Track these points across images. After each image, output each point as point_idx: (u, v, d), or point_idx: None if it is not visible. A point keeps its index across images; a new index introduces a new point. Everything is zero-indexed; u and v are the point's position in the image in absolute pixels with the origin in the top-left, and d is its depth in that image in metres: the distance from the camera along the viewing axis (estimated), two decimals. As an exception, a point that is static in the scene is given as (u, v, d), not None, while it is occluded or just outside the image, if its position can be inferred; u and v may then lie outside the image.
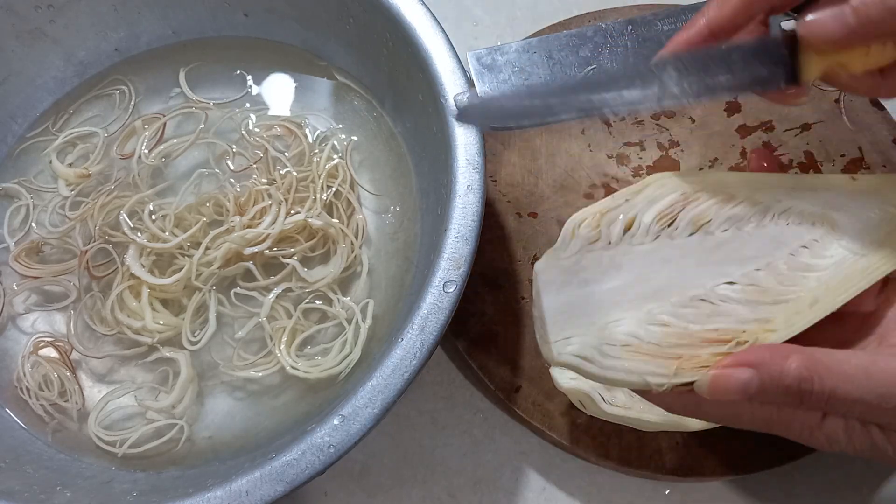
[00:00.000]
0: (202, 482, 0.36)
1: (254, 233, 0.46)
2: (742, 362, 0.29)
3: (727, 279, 0.31)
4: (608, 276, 0.32)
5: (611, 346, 0.30)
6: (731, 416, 0.31)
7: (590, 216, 0.33)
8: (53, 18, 0.52)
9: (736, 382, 0.29)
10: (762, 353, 0.29)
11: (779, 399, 0.29)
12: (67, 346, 0.46)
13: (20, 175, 0.51)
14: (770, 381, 0.29)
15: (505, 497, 0.45)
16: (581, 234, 0.33)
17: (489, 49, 0.58)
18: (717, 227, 0.33)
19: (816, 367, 0.28)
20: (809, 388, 0.28)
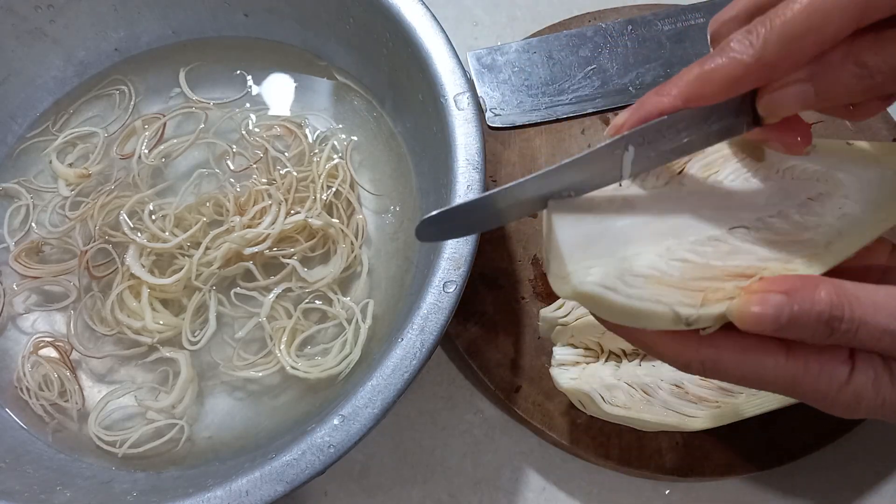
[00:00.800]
0: (202, 482, 0.36)
1: (254, 233, 0.46)
2: (773, 289, 0.28)
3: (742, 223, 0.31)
4: (622, 213, 0.31)
5: (634, 276, 0.29)
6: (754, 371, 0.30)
7: None
8: (53, 18, 0.52)
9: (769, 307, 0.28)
10: (793, 280, 0.29)
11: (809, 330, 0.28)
12: (67, 346, 0.46)
13: (20, 175, 0.51)
14: (801, 308, 0.28)
15: (505, 497, 0.45)
16: None
17: (489, 49, 0.58)
18: (725, 176, 0.33)
19: (847, 295, 0.28)
20: (840, 314, 0.28)
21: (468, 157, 0.41)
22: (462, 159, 0.41)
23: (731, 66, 0.28)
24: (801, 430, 0.44)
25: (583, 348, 0.43)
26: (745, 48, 0.28)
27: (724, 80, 0.28)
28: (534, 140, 0.54)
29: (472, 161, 0.41)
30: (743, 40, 0.28)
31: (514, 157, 0.54)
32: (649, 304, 0.29)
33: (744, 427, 0.42)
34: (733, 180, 0.33)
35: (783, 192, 0.33)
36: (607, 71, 0.56)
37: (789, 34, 0.27)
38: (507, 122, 0.55)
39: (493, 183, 0.52)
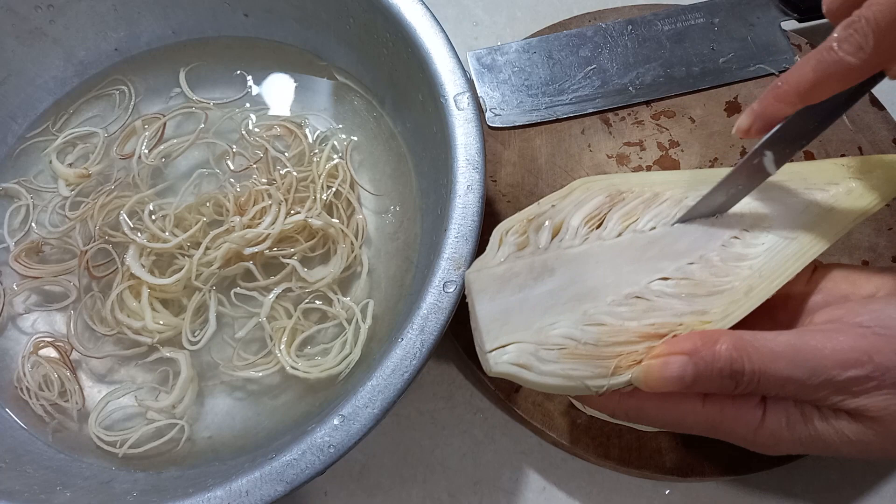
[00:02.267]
0: (202, 482, 0.36)
1: (254, 233, 0.46)
2: (674, 351, 0.30)
3: (661, 275, 0.32)
4: (541, 280, 0.31)
5: (548, 350, 0.30)
6: (675, 418, 0.32)
7: (516, 223, 0.33)
8: (53, 18, 0.52)
9: (672, 370, 0.29)
10: (693, 339, 0.30)
11: (715, 385, 0.30)
12: (67, 346, 0.46)
13: (20, 175, 0.51)
14: (704, 366, 0.29)
15: (505, 497, 0.45)
16: (509, 241, 0.33)
17: (489, 49, 0.58)
18: (645, 224, 0.33)
19: (745, 347, 0.29)
20: (740, 368, 0.29)
21: (468, 157, 0.41)
22: (462, 159, 0.41)
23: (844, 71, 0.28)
24: (801, 430, 0.44)
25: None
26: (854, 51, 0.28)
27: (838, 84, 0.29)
28: (534, 140, 0.54)
29: (472, 161, 0.41)
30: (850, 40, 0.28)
31: (514, 157, 0.54)
32: (561, 380, 0.30)
33: (744, 427, 0.42)
34: (654, 227, 0.33)
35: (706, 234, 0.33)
36: (607, 71, 0.56)
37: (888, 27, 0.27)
38: (507, 122, 0.55)
39: (494, 183, 0.52)
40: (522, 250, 0.32)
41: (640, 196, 0.34)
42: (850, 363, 0.29)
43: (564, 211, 0.33)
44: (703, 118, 0.55)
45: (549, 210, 0.33)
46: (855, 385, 0.29)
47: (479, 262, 0.33)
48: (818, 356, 0.29)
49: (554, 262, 0.32)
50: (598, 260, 0.32)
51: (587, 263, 0.32)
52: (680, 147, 0.54)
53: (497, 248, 0.33)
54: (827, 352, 0.29)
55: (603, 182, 0.34)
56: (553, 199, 0.34)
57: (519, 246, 0.32)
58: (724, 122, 0.54)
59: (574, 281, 0.31)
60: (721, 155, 0.53)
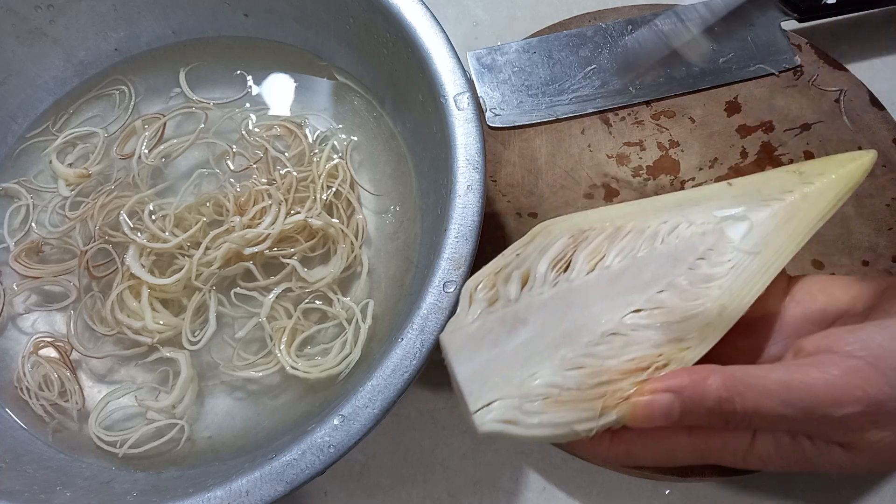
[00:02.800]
0: (202, 482, 0.36)
1: (254, 233, 0.46)
2: (662, 388, 0.29)
3: (633, 308, 0.32)
4: (515, 332, 0.32)
5: (531, 402, 0.30)
6: (664, 454, 0.32)
7: (484, 278, 0.33)
8: (53, 18, 0.52)
9: (658, 407, 0.29)
10: (681, 376, 0.29)
11: (703, 421, 0.29)
12: (67, 346, 0.46)
13: (20, 175, 0.51)
14: (692, 403, 0.29)
15: (505, 497, 0.45)
16: (479, 297, 0.33)
17: (489, 49, 0.58)
18: (612, 260, 0.33)
19: (736, 385, 0.29)
20: (731, 408, 0.29)
21: (468, 157, 0.41)
22: (462, 159, 0.41)
23: None
24: (801, 430, 0.44)
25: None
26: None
27: None
28: (534, 140, 0.54)
29: (472, 161, 0.41)
30: None
31: (514, 157, 0.54)
32: (549, 430, 0.29)
33: (744, 427, 0.42)
34: (620, 261, 0.33)
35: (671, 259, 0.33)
36: (607, 71, 0.56)
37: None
38: (507, 122, 0.55)
39: (494, 183, 0.52)
40: (493, 305, 0.32)
41: (602, 232, 0.34)
42: (844, 401, 0.28)
43: (530, 259, 0.33)
44: (703, 118, 0.55)
45: (515, 259, 0.34)
46: (850, 422, 0.29)
47: (452, 323, 0.33)
48: (812, 393, 0.28)
49: (525, 311, 0.32)
50: (570, 302, 0.32)
51: (559, 308, 0.32)
52: (680, 147, 0.54)
53: (468, 307, 0.33)
54: (820, 388, 0.28)
55: (564, 224, 0.34)
56: (517, 248, 0.34)
57: (489, 301, 0.33)
58: (724, 122, 0.54)
59: (548, 328, 0.31)
60: (721, 155, 0.53)
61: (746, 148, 0.53)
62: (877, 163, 0.52)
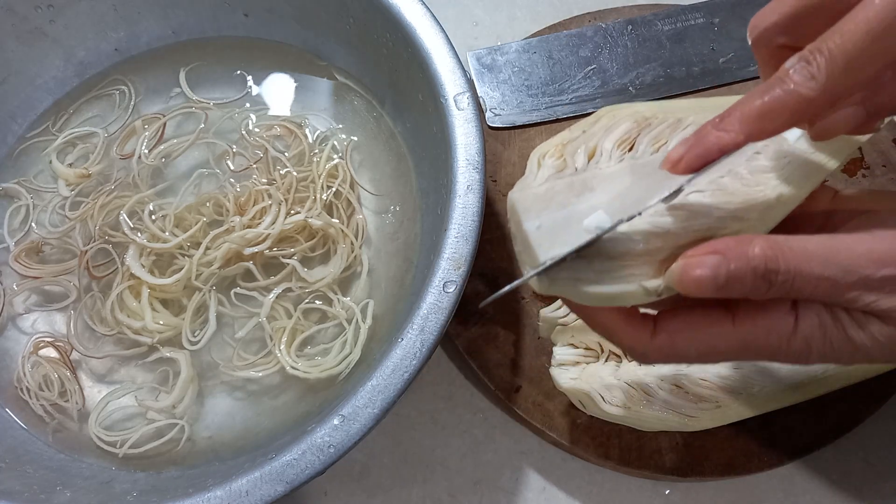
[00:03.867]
0: (202, 482, 0.36)
1: (254, 233, 0.46)
2: (709, 250, 0.29)
3: (696, 188, 0.32)
4: (584, 197, 0.32)
5: (602, 259, 0.30)
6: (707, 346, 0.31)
7: (551, 148, 0.34)
8: (53, 18, 0.52)
9: (706, 269, 0.29)
10: (726, 241, 0.30)
11: (748, 285, 0.29)
12: (67, 346, 0.46)
13: (20, 175, 0.52)
14: (737, 265, 0.29)
15: (505, 497, 0.45)
16: (547, 164, 0.33)
17: (489, 49, 0.58)
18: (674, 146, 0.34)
19: (780, 247, 0.29)
20: (775, 267, 0.29)
21: (468, 157, 0.41)
22: (462, 159, 0.41)
23: (795, 101, 0.28)
24: (800, 430, 0.44)
25: (583, 348, 0.43)
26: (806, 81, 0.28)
27: (789, 116, 0.28)
28: (534, 140, 0.54)
29: (472, 161, 0.41)
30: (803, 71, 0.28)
31: (514, 157, 0.54)
32: (619, 285, 0.30)
33: (744, 427, 0.42)
34: None
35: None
36: (607, 71, 0.56)
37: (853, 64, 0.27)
38: (507, 122, 0.55)
39: (494, 183, 0.52)
40: (561, 172, 0.33)
41: (664, 122, 0.35)
42: (883, 262, 0.29)
43: (596, 136, 0.34)
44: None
45: (581, 136, 0.34)
46: (888, 285, 0.29)
47: (521, 183, 0.33)
48: (852, 255, 0.29)
49: (593, 180, 0.32)
50: (635, 177, 0.32)
51: (625, 181, 0.32)
52: (680, 147, 0.54)
53: (536, 171, 0.33)
54: (861, 251, 0.29)
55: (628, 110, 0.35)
56: (582, 126, 0.35)
57: (557, 168, 0.33)
58: (724, 122, 0.54)
59: (616, 195, 0.32)
60: (721, 155, 0.53)
61: (746, 148, 0.53)
62: (877, 163, 0.52)
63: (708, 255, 0.29)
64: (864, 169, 0.52)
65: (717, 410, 0.40)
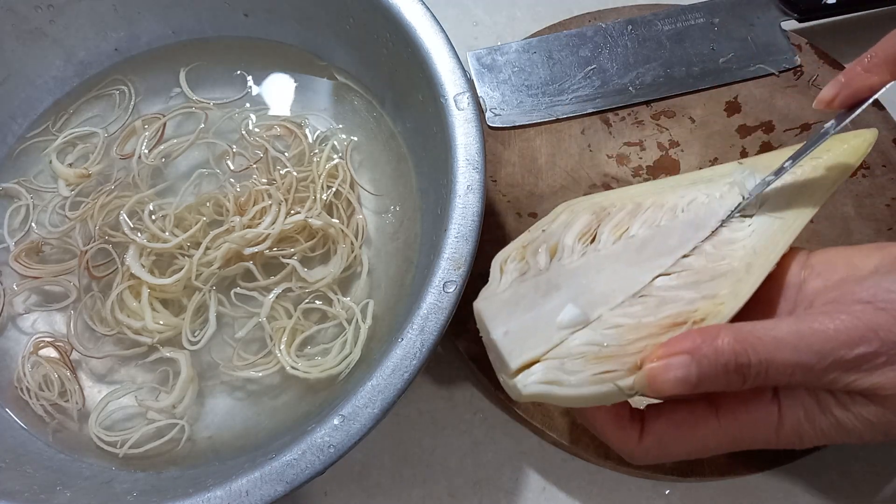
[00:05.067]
0: (202, 482, 0.36)
1: (254, 233, 0.46)
2: (675, 351, 0.29)
3: (662, 270, 0.32)
4: (549, 297, 0.32)
5: (573, 360, 0.30)
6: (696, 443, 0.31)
7: (513, 251, 0.34)
8: (53, 18, 0.52)
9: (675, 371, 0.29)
10: (692, 337, 0.29)
11: (721, 381, 0.29)
12: (67, 346, 0.46)
13: (20, 175, 0.51)
14: (707, 363, 0.29)
15: (505, 497, 0.45)
16: (509, 269, 0.33)
17: (489, 49, 0.58)
18: (636, 230, 0.34)
19: (747, 338, 0.29)
20: (746, 360, 0.29)
21: (468, 157, 0.41)
22: (462, 159, 0.41)
23: None
24: (801, 430, 0.44)
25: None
26: None
27: None
28: (534, 140, 0.54)
29: (472, 161, 0.41)
30: None
31: (514, 157, 0.54)
32: (593, 387, 0.29)
33: (744, 427, 0.42)
34: (645, 231, 0.34)
35: (693, 226, 0.34)
36: (607, 71, 0.56)
37: None
38: (507, 122, 0.55)
39: (494, 183, 0.52)
40: (524, 275, 0.33)
41: (623, 208, 0.35)
42: (855, 341, 0.28)
43: (556, 233, 0.34)
44: (703, 118, 0.55)
45: (541, 235, 0.34)
46: (865, 363, 0.29)
47: (485, 291, 0.33)
48: (823, 338, 0.29)
49: (557, 278, 0.33)
50: (600, 269, 0.32)
51: (589, 274, 0.32)
52: (680, 147, 0.54)
53: (500, 277, 0.33)
54: (831, 332, 0.29)
55: (585, 203, 0.36)
56: (542, 225, 0.35)
57: (520, 271, 0.33)
58: (724, 122, 0.54)
59: (581, 291, 0.32)
60: (721, 155, 0.53)
61: (746, 148, 0.53)
62: (877, 163, 0.52)
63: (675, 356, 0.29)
64: (864, 169, 0.52)
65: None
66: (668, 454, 0.32)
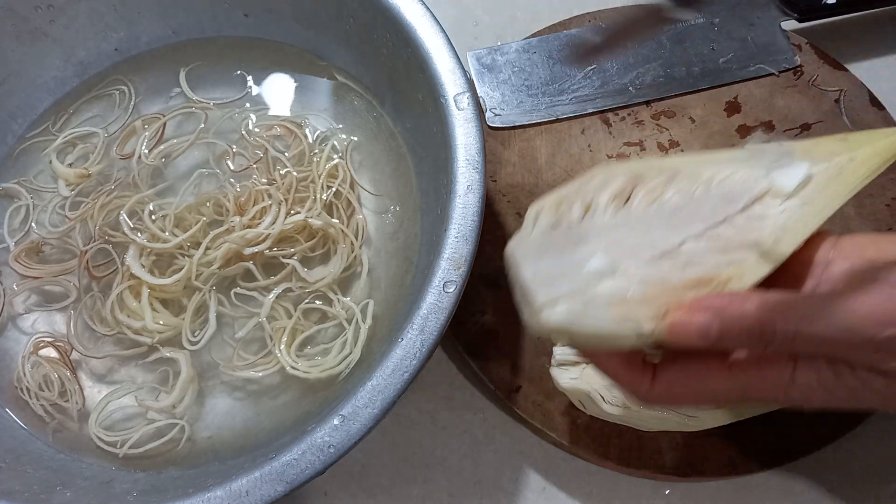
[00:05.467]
0: (202, 482, 0.36)
1: (254, 233, 0.46)
2: (701, 305, 0.29)
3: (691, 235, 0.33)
4: (579, 246, 0.33)
5: (597, 303, 0.30)
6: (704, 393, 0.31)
7: (548, 203, 0.34)
8: (53, 18, 0.52)
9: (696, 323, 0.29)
10: (721, 297, 0.30)
11: (742, 343, 0.29)
12: (67, 346, 0.46)
13: (20, 175, 0.52)
14: (730, 322, 0.29)
15: (505, 497, 0.45)
16: (542, 220, 0.34)
17: (489, 49, 0.58)
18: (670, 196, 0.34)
19: (777, 306, 0.29)
20: (772, 328, 0.29)
21: (468, 157, 0.41)
22: (462, 159, 0.41)
23: None
24: (800, 430, 0.44)
25: (583, 348, 0.43)
26: None
27: None
28: (534, 140, 0.54)
29: (472, 161, 0.41)
30: None
31: (514, 157, 0.54)
32: (614, 325, 0.30)
33: (744, 427, 0.42)
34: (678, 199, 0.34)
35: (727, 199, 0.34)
36: (607, 71, 0.56)
37: None
38: (507, 122, 0.55)
39: (494, 183, 0.52)
40: (557, 225, 0.34)
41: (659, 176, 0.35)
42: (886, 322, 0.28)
43: (592, 191, 0.35)
44: (703, 118, 0.55)
45: (577, 191, 0.35)
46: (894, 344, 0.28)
47: (517, 237, 0.34)
48: (854, 316, 0.28)
49: (588, 231, 0.33)
50: (630, 227, 0.33)
51: (620, 231, 0.33)
52: (680, 147, 0.54)
53: (533, 225, 0.34)
54: (863, 311, 0.28)
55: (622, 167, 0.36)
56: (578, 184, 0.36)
57: (553, 222, 0.34)
58: (724, 122, 0.54)
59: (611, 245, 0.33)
60: (721, 155, 0.53)
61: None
62: (877, 163, 0.52)
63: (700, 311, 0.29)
64: (864, 169, 0.52)
65: (717, 410, 0.40)
66: (676, 399, 0.32)
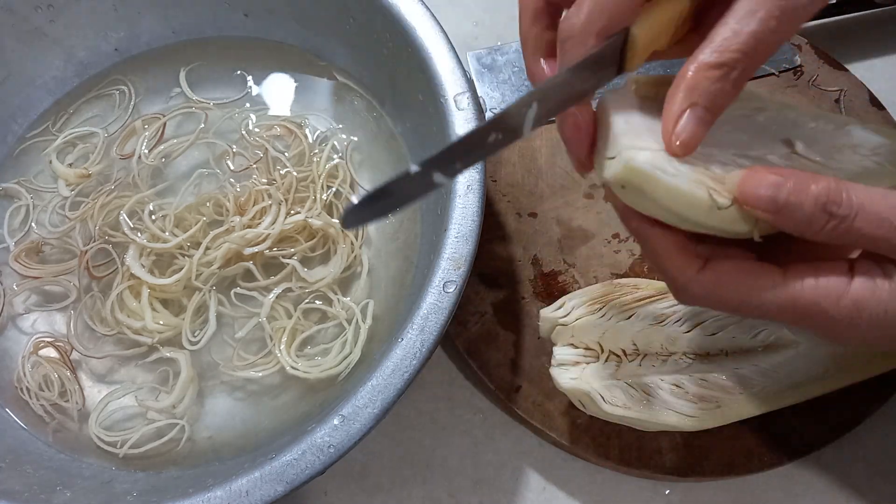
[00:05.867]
0: (202, 482, 0.36)
1: (254, 233, 0.46)
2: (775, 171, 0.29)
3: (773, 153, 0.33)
4: None
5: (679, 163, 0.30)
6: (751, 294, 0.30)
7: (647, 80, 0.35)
8: (53, 18, 0.52)
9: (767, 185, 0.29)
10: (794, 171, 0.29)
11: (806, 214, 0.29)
12: (67, 346, 0.46)
13: (20, 175, 0.52)
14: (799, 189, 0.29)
15: (505, 497, 0.45)
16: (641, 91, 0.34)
17: (489, 49, 0.58)
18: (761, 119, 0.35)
19: (844, 183, 0.29)
20: (838, 199, 0.28)
21: (468, 157, 0.41)
22: (462, 159, 0.41)
23: None
24: (800, 430, 0.44)
25: (583, 348, 0.43)
26: None
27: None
28: (534, 140, 0.54)
29: (472, 161, 0.41)
30: None
31: (514, 157, 0.54)
32: (692, 185, 0.30)
33: (744, 427, 0.42)
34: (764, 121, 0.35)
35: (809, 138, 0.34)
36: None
37: None
38: (507, 122, 0.55)
39: (494, 183, 0.52)
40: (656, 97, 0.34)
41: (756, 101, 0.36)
42: None
43: None
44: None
45: None
46: None
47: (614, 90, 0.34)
48: None
49: None
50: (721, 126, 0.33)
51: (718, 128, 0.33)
52: (680, 147, 0.54)
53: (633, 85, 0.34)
54: None
55: None
56: None
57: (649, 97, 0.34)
58: (724, 122, 0.54)
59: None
60: (721, 155, 0.53)
61: (746, 148, 0.53)
62: (877, 163, 0.52)
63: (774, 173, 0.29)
64: (864, 169, 0.52)
65: (717, 410, 0.40)
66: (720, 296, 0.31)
